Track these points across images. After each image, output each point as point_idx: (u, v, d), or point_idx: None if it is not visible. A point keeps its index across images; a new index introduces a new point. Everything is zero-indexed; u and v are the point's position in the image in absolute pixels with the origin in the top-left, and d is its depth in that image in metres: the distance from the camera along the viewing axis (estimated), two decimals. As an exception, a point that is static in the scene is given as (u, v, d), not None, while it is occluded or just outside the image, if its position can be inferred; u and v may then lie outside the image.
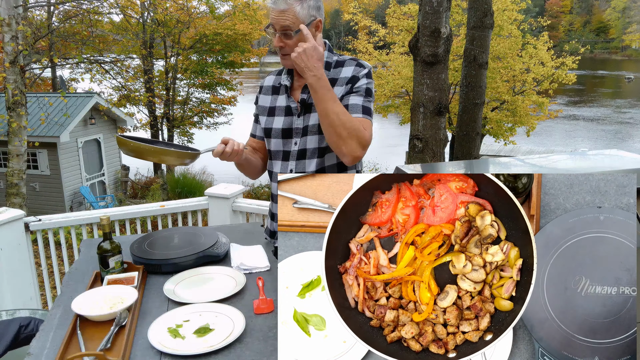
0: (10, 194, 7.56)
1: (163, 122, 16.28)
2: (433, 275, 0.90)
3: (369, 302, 0.94)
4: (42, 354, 1.32)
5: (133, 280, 1.64)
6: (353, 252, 0.95)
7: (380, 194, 0.96)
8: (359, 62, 1.74)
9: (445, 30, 5.44)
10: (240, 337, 1.35)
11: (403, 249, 0.89)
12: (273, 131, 1.82)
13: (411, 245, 0.89)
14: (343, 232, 1.01)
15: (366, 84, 1.71)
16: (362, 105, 1.69)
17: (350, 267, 0.94)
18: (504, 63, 13.06)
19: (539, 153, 17.47)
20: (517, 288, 1.03)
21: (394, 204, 0.90)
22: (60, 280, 3.23)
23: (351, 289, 0.98)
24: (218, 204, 3.34)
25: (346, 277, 0.96)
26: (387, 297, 0.93)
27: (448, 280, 0.93)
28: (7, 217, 2.85)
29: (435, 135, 5.78)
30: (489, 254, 0.99)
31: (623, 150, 2.92)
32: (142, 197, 13.73)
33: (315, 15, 1.67)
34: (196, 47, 15.74)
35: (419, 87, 5.74)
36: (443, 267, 0.91)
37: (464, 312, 0.95)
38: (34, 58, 9.67)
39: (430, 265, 0.89)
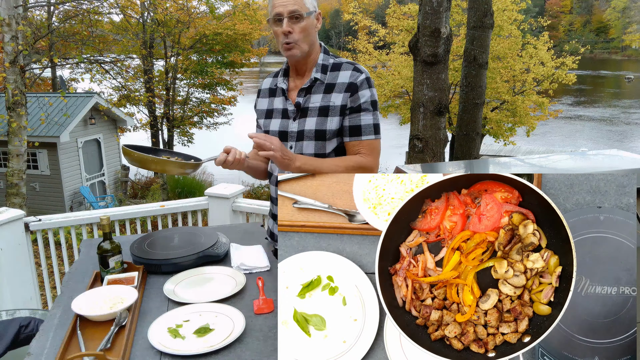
0: (10, 194, 7.57)
1: (163, 122, 16.28)
2: (476, 279, 0.97)
3: (415, 302, 1.01)
4: (42, 354, 1.32)
5: (133, 280, 1.64)
6: (403, 255, 1.02)
7: (430, 202, 1.03)
8: (356, 66, 1.73)
9: (445, 30, 5.44)
10: (240, 337, 1.35)
11: (449, 254, 0.96)
12: (271, 133, 1.81)
13: (457, 250, 0.96)
14: (395, 237, 1.09)
15: (370, 96, 1.71)
16: (373, 125, 1.72)
17: (400, 269, 1.01)
18: (504, 63, 13.06)
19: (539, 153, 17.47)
20: (556, 294, 1.09)
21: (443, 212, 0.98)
22: (60, 280, 3.23)
23: (400, 289, 1.04)
24: (218, 204, 3.34)
25: (396, 278, 1.03)
26: (432, 298, 1.00)
27: (490, 284, 1.00)
28: (7, 217, 2.85)
29: (435, 135, 5.78)
30: (530, 260, 1.05)
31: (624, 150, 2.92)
32: (142, 197, 13.73)
33: (316, 8, 1.72)
34: (196, 47, 15.74)
35: (419, 87, 5.73)
36: (486, 272, 0.98)
37: (504, 315, 1.01)
38: (34, 58, 9.67)
39: (474, 269, 0.96)
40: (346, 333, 1.33)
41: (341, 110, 1.69)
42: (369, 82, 1.71)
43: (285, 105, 1.78)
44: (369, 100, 1.70)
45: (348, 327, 1.34)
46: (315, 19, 1.72)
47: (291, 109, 1.76)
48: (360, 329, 1.33)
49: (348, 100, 1.69)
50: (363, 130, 1.70)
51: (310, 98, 1.72)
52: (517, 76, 13.13)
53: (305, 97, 1.73)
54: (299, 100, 1.74)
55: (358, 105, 1.70)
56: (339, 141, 1.74)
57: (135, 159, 1.60)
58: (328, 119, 1.69)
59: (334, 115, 1.69)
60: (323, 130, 1.70)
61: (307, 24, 1.67)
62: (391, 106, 14.74)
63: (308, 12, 1.67)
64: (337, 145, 1.74)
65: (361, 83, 1.69)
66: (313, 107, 1.71)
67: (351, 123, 1.71)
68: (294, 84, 1.80)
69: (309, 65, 1.76)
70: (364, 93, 1.70)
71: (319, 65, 1.74)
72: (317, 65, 1.74)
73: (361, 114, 1.70)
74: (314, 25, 1.72)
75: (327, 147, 1.72)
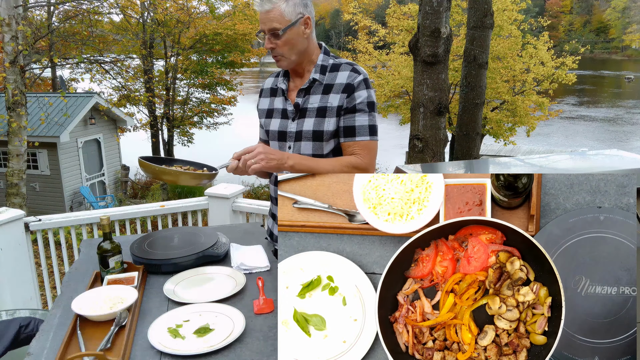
0: (10, 194, 7.56)
1: (163, 122, 16.28)
2: (472, 317, 1.04)
3: (418, 346, 1.07)
4: (42, 354, 1.32)
5: (133, 280, 1.64)
6: (401, 303, 1.09)
7: (420, 251, 1.11)
8: (354, 67, 1.72)
9: (445, 30, 5.44)
10: (240, 337, 1.35)
11: (444, 297, 1.04)
12: (270, 133, 1.82)
13: (451, 292, 1.03)
14: (391, 286, 1.16)
15: (367, 97, 1.69)
16: (368, 126, 1.70)
17: (400, 317, 1.08)
18: (504, 63, 13.05)
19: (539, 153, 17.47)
20: (549, 323, 1.14)
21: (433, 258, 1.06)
22: (60, 280, 3.23)
23: (401, 336, 1.10)
24: (218, 204, 3.34)
25: (396, 325, 1.10)
26: (433, 340, 1.06)
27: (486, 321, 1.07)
28: (7, 217, 2.85)
29: (435, 135, 5.78)
30: (521, 294, 1.11)
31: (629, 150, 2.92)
32: (142, 197, 13.73)
33: (303, 12, 1.67)
34: (196, 47, 15.74)
35: (419, 87, 5.73)
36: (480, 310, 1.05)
37: (503, 349, 1.07)
38: (34, 58, 9.68)
39: (469, 309, 1.03)
40: (346, 333, 1.33)
41: (337, 111, 1.69)
42: (367, 83, 1.70)
43: (284, 105, 1.78)
44: (365, 101, 1.69)
45: (348, 327, 1.34)
46: (303, 25, 1.68)
47: (290, 109, 1.76)
48: (360, 329, 1.33)
49: (344, 101, 1.69)
50: (357, 130, 1.69)
51: (309, 99, 1.72)
52: (517, 76, 13.13)
53: (304, 97, 1.73)
54: (298, 100, 1.74)
55: (353, 106, 1.69)
56: (336, 142, 1.74)
57: (150, 171, 1.62)
58: (325, 119, 1.69)
59: (331, 116, 1.69)
60: (320, 131, 1.70)
61: (289, 37, 1.65)
62: (391, 106, 14.74)
63: (291, 24, 1.64)
64: (335, 146, 1.74)
65: (358, 84, 1.68)
66: (312, 107, 1.71)
67: (345, 124, 1.70)
68: (293, 84, 1.80)
69: (307, 67, 1.76)
70: (360, 94, 1.69)
71: (318, 65, 1.73)
72: (317, 66, 1.73)
73: (356, 114, 1.69)
74: (301, 33, 1.67)
75: (324, 148, 1.72)
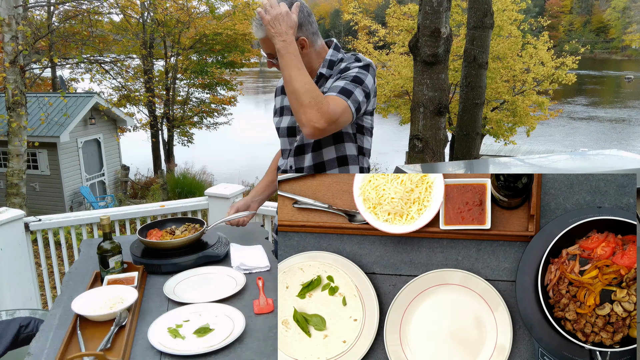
0: (10, 194, 7.56)
1: (163, 122, 16.29)
2: (600, 292, 1.25)
3: (555, 287, 1.30)
4: (42, 354, 1.32)
5: (133, 280, 1.63)
6: (562, 255, 1.31)
7: (595, 232, 1.32)
8: (357, 56, 1.73)
9: (445, 30, 5.44)
10: (240, 337, 1.35)
11: (591, 268, 1.27)
12: (280, 130, 1.84)
13: (597, 268, 1.26)
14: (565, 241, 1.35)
15: (356, 72, 1.65)
16: (341, 87, 1.61)
17: (557, 262, 1.33)
18: (504, 63, 13.05)
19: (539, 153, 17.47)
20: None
21: (601, 241, 1.30)
22: (60, 280, 3.23)
23: (550, 273, 1.32)
24: (218, 204, 3.34)
25: (551, 266, 1.32)
26: (566, 291, 1.29)
27: (607, 301, 1.27)
28: (7, 217, 2.85)
29: (435, 135, 5.78)
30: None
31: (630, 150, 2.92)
32: (142, 197, 13.73)
33: (297, 35, 1.65)
34: (196, 47, 15.75)
35: (419, 87, 5.73)
36: (608, 293, 1.26)
37: (607, 326, 1.26)
38: (34, 58, 9.68)
39: (602, 285, 1.26)
40: (346, 333, 1.34)
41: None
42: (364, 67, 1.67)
43: None
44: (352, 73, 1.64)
45: (348, 327, 1.34)
46: (300, 47, 1.65)
47: None
48: (360, 329, 1.34)
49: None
50: (330, 88, 1.63)
51: None
52: (517, 76, 13.13)
53: None
54: None
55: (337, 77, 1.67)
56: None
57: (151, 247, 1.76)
58: None
59: None
60: None
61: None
62: (391, 106, 14.75)
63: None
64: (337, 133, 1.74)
65: (350, 63, 1.68)
66: None
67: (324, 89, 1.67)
68: None
69: (315, 66, 1.76)
70: (347, 66, 1.67)
71: (326, 60, 1.74)
72: (325, 61, 1.74)
73: (338, 80, 1.65)
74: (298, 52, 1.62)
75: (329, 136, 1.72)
